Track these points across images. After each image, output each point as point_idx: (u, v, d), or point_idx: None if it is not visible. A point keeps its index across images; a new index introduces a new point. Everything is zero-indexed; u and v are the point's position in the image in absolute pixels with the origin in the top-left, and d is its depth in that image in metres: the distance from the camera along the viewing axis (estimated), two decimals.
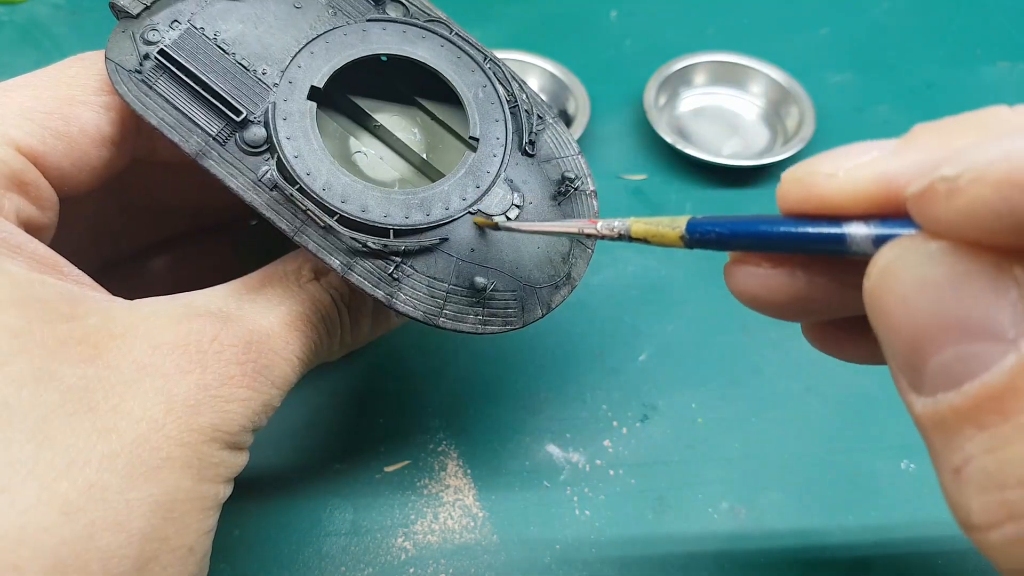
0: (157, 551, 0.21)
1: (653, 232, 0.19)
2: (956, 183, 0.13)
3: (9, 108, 0.25)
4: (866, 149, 0.16)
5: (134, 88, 0.25)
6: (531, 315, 0.27)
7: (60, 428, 0.20)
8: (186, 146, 0.25)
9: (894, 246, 0.15)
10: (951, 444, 0.14)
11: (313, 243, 0.25)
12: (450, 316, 0.26)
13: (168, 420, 0.22)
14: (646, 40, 0.57)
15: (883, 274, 0.15)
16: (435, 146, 0.30)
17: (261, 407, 0.24)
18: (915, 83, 0.55)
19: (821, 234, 0.16)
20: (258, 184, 0.25)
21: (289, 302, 0.26)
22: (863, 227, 0.16)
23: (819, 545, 0.34)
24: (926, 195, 0.14)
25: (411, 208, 0.26)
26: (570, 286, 0.28)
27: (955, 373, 0.14)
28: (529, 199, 0.28)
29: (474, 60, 0.29)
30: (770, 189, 0.48)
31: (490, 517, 0.34)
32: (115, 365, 0.22)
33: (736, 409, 0.38)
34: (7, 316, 0.21)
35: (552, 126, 0.29)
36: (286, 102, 0.26)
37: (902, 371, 0.15)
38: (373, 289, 0.25)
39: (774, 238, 0.17)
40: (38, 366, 0.20)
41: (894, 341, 0.15)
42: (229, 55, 0.26)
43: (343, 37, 0.28)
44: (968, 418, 0.14)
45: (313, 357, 0.27)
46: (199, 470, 0.22)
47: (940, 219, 0.14)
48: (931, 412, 0.14)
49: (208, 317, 0.24)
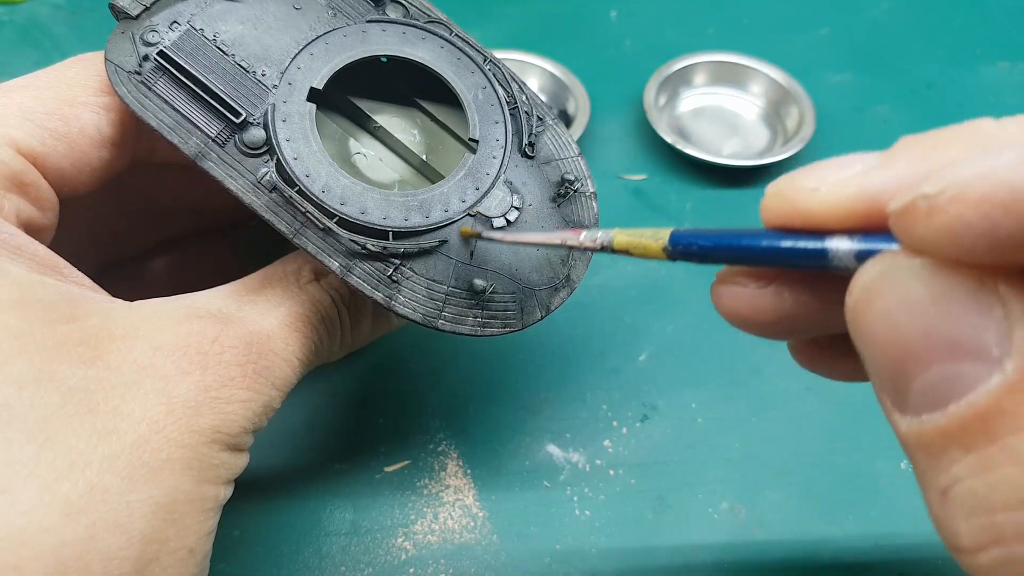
0: (158, 552, 0.21)
1: (636, 244, 0.19)
2: (936, 201, 0.13)
3: (9, 109, 0.25)
4: (850, 162, 0.16)
5: (133, 89, 0.25)
6: (530, 317, 0.27)
7: (61, 429, 0.20)
8: (185, 148, 0.25)
9: (877, 262, 0.15)
10: (937, 465, 0.14)
11: (312, 245, 0.25)
12: (449, 318, 0.26)
13: (168, 421, 0.22)
14: (646, 40, 0.57)
15: (865, 290, 0.15)
16: (435, 148, 0.30)
17: (262, 408, 0.24)
18: (915, 83, 0.55)
19: (803, 248, 0.16)
20: (257, 186, 0.25)
21: (289, 303, 0.26)
22: (846, 242, 0.15)
23: (819, 545, 0.34)
24: (907, 212, 0.14)
25: (410, 210, 0.26)
26: (569, 288, 0.28)
27: (940, 393, 0.14)
28: (529, 201, 0.28)
29: (474, 61, 0.29)
30: None
31: (490, 517, 0.34)
32: (115, 366, 0.22)
33: (736, 409, 0.38)
34: (7, 317, 0.21)
35: (552, 127, 0.29)
36: (285, 104, 0.26)
37: (885, 390, 0.15)
38: (372, 291, 0.25)
39: (756, 252, 0.17)
40: (39, 367, 0.20)
41: (877, 360, 0.15)
42: (229, 56, 0.26)
43: (343, 38, 0.28)
44: (954, 439, 0.13)
45: (313, 358, 0.27)
46: (199, 471, 0.22)
47: (921, 237, 0.13)
48: (916, 433, 0.14)
49: (208, 318, 0.24)
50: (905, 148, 0.16)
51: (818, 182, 0.16)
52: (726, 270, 0.20)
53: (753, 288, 0.19)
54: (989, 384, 0.13)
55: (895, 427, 0.15)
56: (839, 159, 0.17)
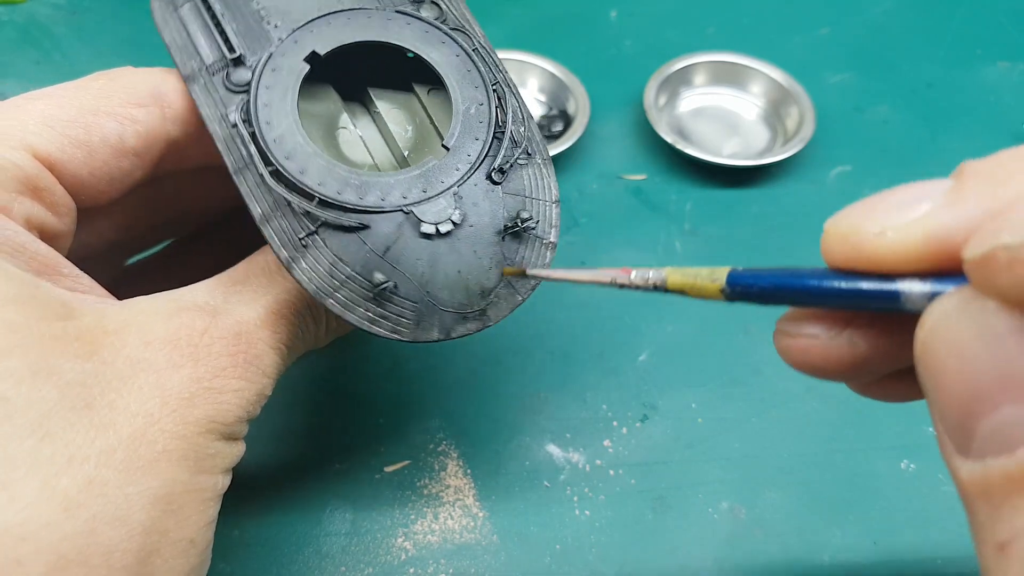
0: (158, 544, 0.21)
1: (691, 284, 0.18)
2: (1018, 253, 0.12)
3: (31, 114, 0.25)
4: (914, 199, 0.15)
5: (161, 7, 0.28)
6: (425, 334, 0.26)
7: (59, 424, 0.20)
8: (182, 68, 0.27)
9: (951, 296, 0.14)
10: (998, 515, 0.13)
11: (246, 187, 0.26)
12: (340, 301, 0.25)
13: (163, 414, 0.22)
14: (646, 40, 0.57)
15: (938, 324, 0.14)
16: (420, 147, 0.30)
17: (255, 396, 0.25)
18: (915, 83, 0.55)
19: (874, 291, 0.15)
20: (224, 118, 0.26)
21: (274, 291, 0.26)
22: (918, 284, 0.15)
23: (819, 545, 0.34)
24: (986, 263, 0.13)
25: (348, 186, 0.26)
26: (481, 323, 0.27)
27: (1009, 436, 0.13)
28: (471, 222, 0.26)
29: (482, 78, 0.29)
30: (770, 189, 0.48)
31: (490, 517, 0.34)
32: (110, 361, 0.22)
33: (736, 409, 0.38)
34: (5, 311, 0.21)
35: (540, 167, 0.28)
36: (283, 57, 0.27)
37: (949, 432, 0.14)
38: (279, 248, 0.25)
39: (822, 294, 0.16)
40: (36, 361, 0.20)
41: (944, 397, 0.14)
42: (252, 1, 0.28)
43: (366, 19, 0.28)
44: (1020, 487, 0.13)
45: (301, 345, 0.27)
46: (195, 462, 0.22)
47: (1002, 287, 0.13)
48: (978, 478, 0.13)
49: (196, 311, 0.24)
50: (971, 180, 0.15)
51: (883, 226, 0.15)
52: (790, 316, 0.19)
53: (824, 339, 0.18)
54: None
55: (954, 473, 0.14)
56: (902, 193, 0.16)
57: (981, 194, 0.14)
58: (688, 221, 0.46)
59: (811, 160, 0.49)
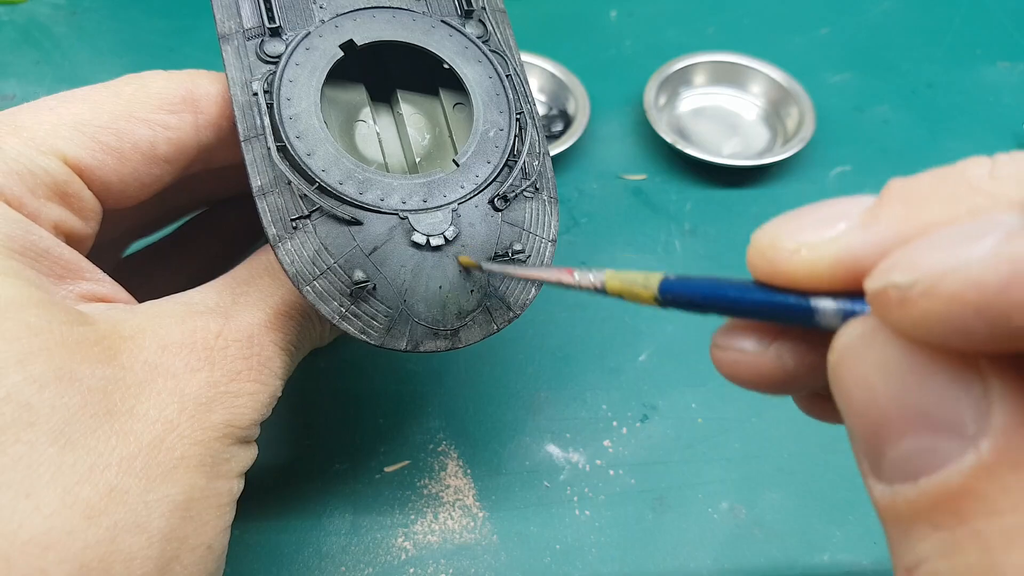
0: (178, 550, 0.21)
1: (627, 290, 0.19)
2: (907, 293, 0.12)
3: (63, 119, 0.25)
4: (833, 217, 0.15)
5: None
6: (393, 341, 0.25)
7: (81, 431, 0.20)
8: (220, 25, 0.27)
9: (857, 324, 0.14)
10: (906, 540, 0.13)
11: (251, 155, 0.25)
12: (316, 290, 0.25)
13: (182, 419, 0.22)
14: (646, 40, 0.57)
15: (844, 351, 0.14)
16: (433, 157, 0.29)
17: (268, 399, 0.25)
18: (915, 83, 0.55)
19: (790, 305, 0.16)
20: (247, 85, 0.26)
21: (280, 292, 0.26)
22: (831, 303, 0.15)
23: (819, 545, 0.34)
24: (880, 298, 0.13)
25: (351, 178, 0.26)
26: (451, 343, 0.26)
27: (913, 464, 0.13)
28: (463, 242, 0.26)
29: (509, 105, 0.29)
30: (770, 189, 0.48)
31: (490, 517, 0.34)
32: (129, 366, 0.22)
33: (736, 409, 0.38)
34: (28, 315, 0.21)
35: (545, 203, 0.28)
36: (320, 38, 0.27)
37: (863, 453, 0.14)
38: (269, 224, 0.25)
39: (745, 306, 0.17)
40: (59, 366, 0.20)
41: (854, 422, 0.14)
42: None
43: (410, 21, 0.29)
44: (923, 515, 0.13)
45: (307, 344, 0.27)
46: (213, 467, 0.23)
47: (894, 323, 0.13)
48: (888, 502, 0.14)
49: (208, 314, 0.24)
50: (889, 203, 0.15)
51: (798, 244, 0.15)
52: (724, 328, 0.19)
53: (752, 354, 0.18)
54: (963, 462, 0.12)
55: (870, 492, 0.14)
56: (824, 209, 0.16)
57: (894, 218, 0.14)
58: (688, 221, 0.46)
59: (811, 160, 0.49)
